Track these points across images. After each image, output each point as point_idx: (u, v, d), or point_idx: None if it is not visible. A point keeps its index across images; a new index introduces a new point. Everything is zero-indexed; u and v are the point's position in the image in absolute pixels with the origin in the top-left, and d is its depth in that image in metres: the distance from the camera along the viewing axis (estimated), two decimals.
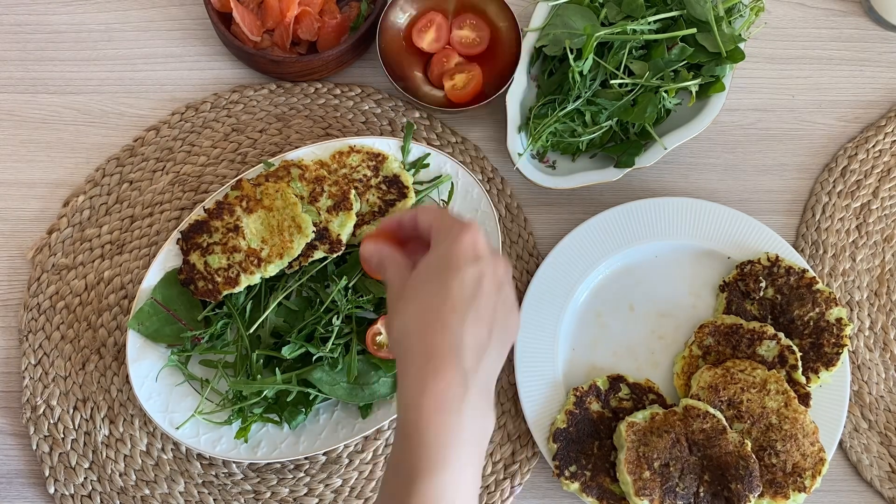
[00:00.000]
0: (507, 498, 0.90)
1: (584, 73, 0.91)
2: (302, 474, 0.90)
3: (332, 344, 0.87)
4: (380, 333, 0.88)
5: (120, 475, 0.89)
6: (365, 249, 0.68)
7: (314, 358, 0.87)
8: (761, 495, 0.84)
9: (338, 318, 0.88)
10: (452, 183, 0.93)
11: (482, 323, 0.62)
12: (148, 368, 0.87)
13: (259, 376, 0.87)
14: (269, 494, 0.89)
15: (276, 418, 0.88)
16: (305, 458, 0.90)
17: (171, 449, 0.90)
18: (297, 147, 0.96)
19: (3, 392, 0.92)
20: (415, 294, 0.63)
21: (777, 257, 0.92)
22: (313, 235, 0.88)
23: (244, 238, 0.89)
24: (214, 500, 0.89)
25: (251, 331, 0.88)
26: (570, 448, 0.87)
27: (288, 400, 0.87)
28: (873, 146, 0.99)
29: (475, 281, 0.62)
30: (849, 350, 0.92)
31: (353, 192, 0.91)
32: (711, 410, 0.85)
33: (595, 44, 0.89)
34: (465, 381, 0.60)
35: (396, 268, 0.67)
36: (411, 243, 0.69)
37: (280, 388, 0.86)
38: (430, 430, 0.59)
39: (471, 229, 0.64)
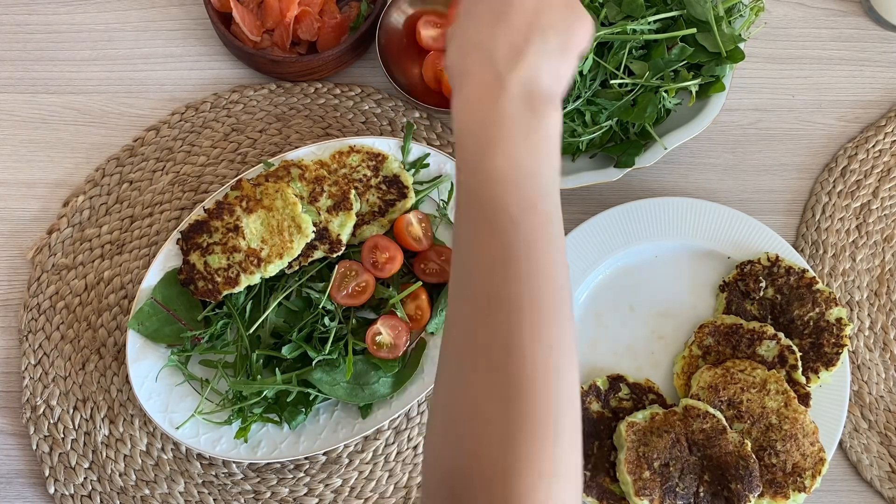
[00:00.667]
0: None
1: (584, 73, 0.91)
2: (302, 474, 0.90)
3: (331, 345, 0.87)
4: (380, 333, 0.88)
5: (120, 475, 0.89)
6: None
7: (314, 360, 0.87)
8: (761, 495, 0.84)
9: (333, 320, 0.88)
10: (452, 183, 0.93)
11: (515, 30, 0.62)
12: (148, 368, 0.87)
13: (259, 376, 0.87)
14: (269, 494, 0.89)
15: (276, 418, 0.88)
16: (305, 458, 0.90)
17: (171, 449, 0.90)
18: (296, 147, 0.96)
19: (3, 392, 0.92)
20: (452, 32, 0.65)
21: (777, 257, 0.92)
22: (313, 235, 0.88)
23: (244, 238, 0.89)
24: (214, 500, 0.89)
25: (251, 331, 0.88)
26: None
27: (288, 400, 0.87)
28: (873, 146, 0.99)
29: None
30: (849, 350, 0.92)
31: (353, 192, 0.91)
32: (711, 410, 0.85)
33: (595, 44, 0.89)
34: (500, 81, 0.61)
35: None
36: None
37: (280, 388, 0.86)
38: (468, 128, 0.61)
39: None
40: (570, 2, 0.65)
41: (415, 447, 0.91)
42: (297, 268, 0.89)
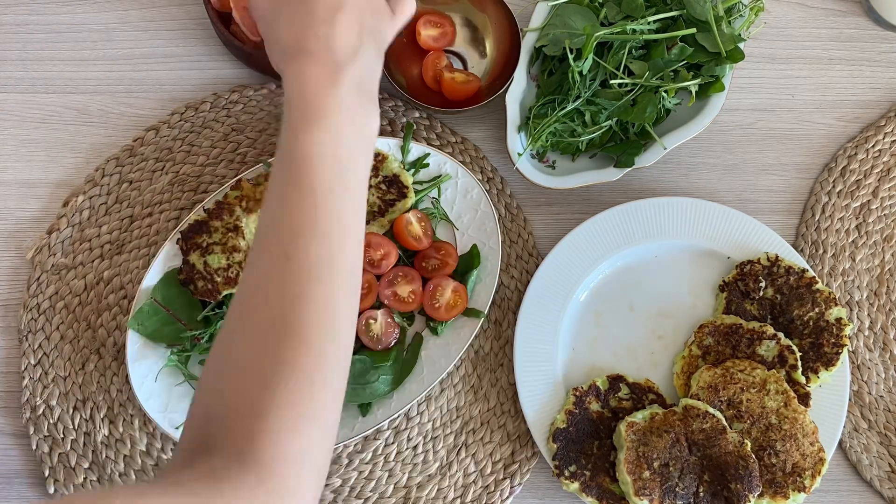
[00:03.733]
0: (507, 498, 0.90)
1: (584, 72, 0.91)
2: None
3: None
4: (374, 320, 0.88)
5: (120, 475, 0.89)
6: None
7: None
8: (761, 495, 0.84)
9: None
10: (438, 188, 0.93)
11: (352, 26, 0.66)
12: (147, 368, 0.87)
13: None
14: None
15: None
16: None
17: (171, 449, 0.90)
18: None
19: (3, 392, 0.92)
20: (280, 14, 0.67)
21: (777, 257, 0.92)
22: None
23: (244, 238, 0.89)
24: None
25: None
26: (569, 448, 0.87)
27: None
28: (873, 146, 0.99)
29: None
30: (848, 350, 0.92)
31: None
32: (711, 410, 0.85)
33: (595, 44, 0.89)
34: (338, 69, 0.64)
35: None
36: None
37: None
38: (303, 98, 0.64)
39: None
40: (382, 4, 0.70)
41: (414, 447, 0.91)
42: None
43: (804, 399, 0.87)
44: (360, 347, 0.89)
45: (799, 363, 0.88)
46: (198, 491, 0.54)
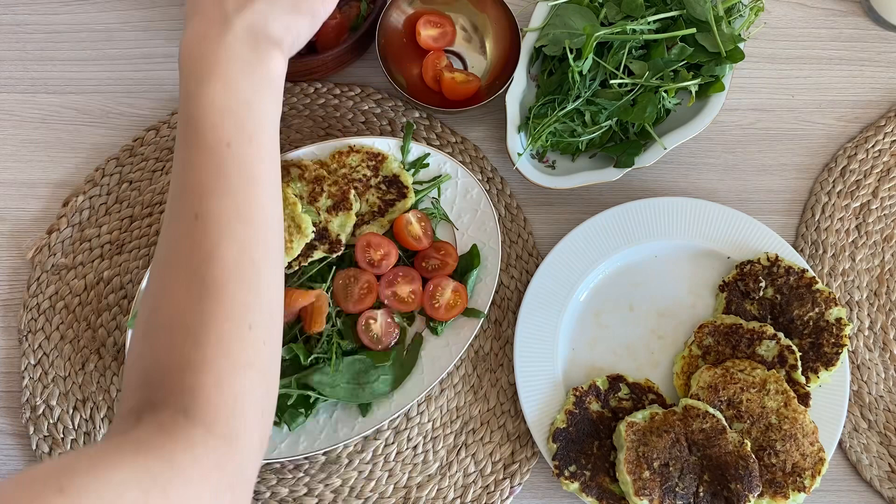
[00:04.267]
0: (507, 498, 0.90)
1: (584, 72, 0.91)
2: (301, 474, 0.90)
3: (326, 346, 0.87)
4: (374, 320, 0.88)
5: None
6: None
7: (309, 360, 0.87)
8: (761, 495, 0.84)
9: (328, 321, 0.88)
10: (438, 188, 0.93)
11: None
12: None
13: None
14: (268, 494, 0.89)
15: (276, 420, 0.88)
16: (305, 458, 0.90)
17: None
18: (296, 147, 0.96)
19: (3, 392, 0.92)
20: None
21: (777, 257, 0.92)
22: (313, 235, 0.88)
23: None
24: None
25: None
26: (569, 448, 0.87)
27: (288, 403, 0.87)
28: (873, 146, 0.99)
29: None
30: (848, 350, 0.92)
31: (352, 192, 0.91)
32: (711, 410, 0.85)
33: (595, 44, 0.89)
34: (226, 20, 0.66)
35: None
36: None
37: (279, 391, 0.86)
38: (189, 54, 0.66)
39: None
40: None
41: (414, 447, 0.91)
42: (296, 268, 0.89)
43: (804, 399, 0.87)
44: (360, 347, 0.89)
45: (799, 363, 0.88)
46: (156, 444, 0.56)
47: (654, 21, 0.91)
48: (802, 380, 0.88)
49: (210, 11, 0.67)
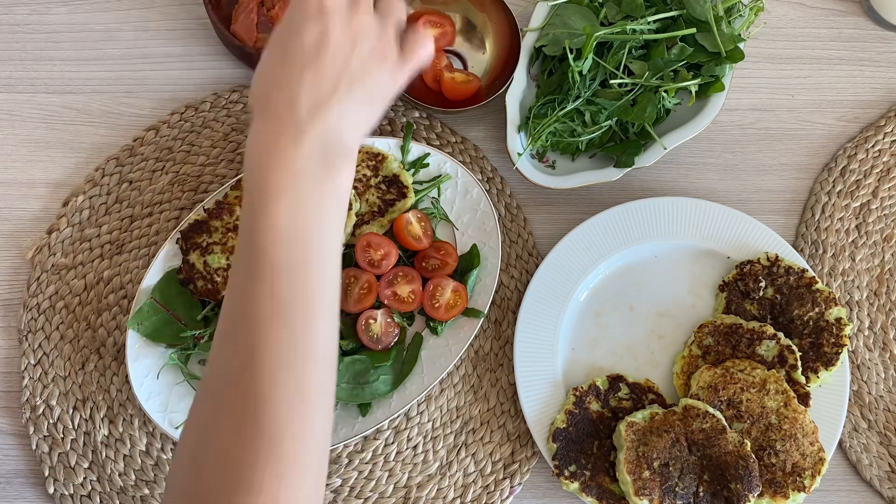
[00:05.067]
0: (507, 498, 0.90)
1: (584, 72, 0.91)
2: None
3: None
4: (374, 319, 0.88)
5: (119, 475, 0.89)
6: None
7: None
8: (761, 495, 0.84)
9: None
10: (438, 188, 0.93)
11: (323, 78, 0.63)
12: (147, 368, 0.87)
13: None
14: None
15: None
16: None
17: (171, 449, 0.90)
18: None
19: (3, 392, 0.92)
20: (263, 60, 0.65)
21: (777, 257, 0.92)
22: None
23: None
24: None
25: None
26: (569, 448, 0.87)
27: None
28: (873, 146, 0.99)
29: (317, 38, 0.63)
30: (848, 350, 0.92)
31: (352, 191, 0.91)
32: (711, 410, 0.85)
33: (595, 44, 0.89)
34: (299, 129, 0.61)
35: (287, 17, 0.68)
36: None
37: None
38: (259, 166, 0.61)
39: None
40: (384, 48, 0.66)
41: (414, 447, 0.91)
42: None
43: (804, 399, 0.87)
44: (359, 347, 0.89)
45: (799, 363, 0.88)
46: None
47: (654, 21, 0.91)
48: (802, 380, 0.88)
49: (282, 112, 0.62)
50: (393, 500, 0.90)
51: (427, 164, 0.94)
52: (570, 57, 0.89)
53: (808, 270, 0.91)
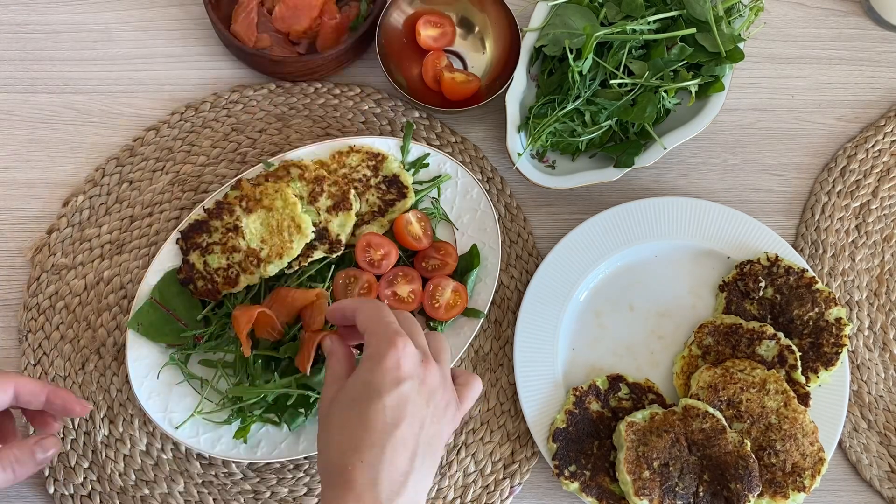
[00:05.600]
0: (507, 498, 0.90)
1: (584, 72, 0.91)
2: (302, 474, 0.90)
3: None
4: None
5: (119, 475, 0.89)
6: (326, 344, 0.73)
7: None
8: (761, 495, 0.84)
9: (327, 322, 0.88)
10: (438, 188, 0.93)
11: (405, 450, 0.63)
12: (147, 368, 0.87)
13: (258, 381, 0.86)
14: (268, 494, 0.89)
15: (276, 419, 0.88)
16: (305, 458, 0.90)
17: (171, 449, 0.90)
18: (296, 147, 0.96)
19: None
20: (337, 421, 0.65)
21: (776, 257, 0.92)
22: (313, 235, 0.88)
23: (243, 238, 0.89)
24: (214, 499, 0.89)
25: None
26: (569, 448, 0.87)
27: (288, 402, 0.87)
28: (873, 146, 0.99)
29: (397, 407, 0.63)
30: (848, 350, 0.92)
31: (352, 192, 0.91)
32: (711, 410, 0.85)
33: (594, 44, 0.89)
34: None
35: (336, 364, 0.70)
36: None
37: (280, 391, 0.86)
38: None
39: (396, 346, 0.65)
40: (448, 398, 0.67)
41: None
42: (296, 268, 0.89)
43: (804, 399, 0.87)
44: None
45: (799, 363, 0.88)
46: None
47: (654, 21, 0.91)
48: (802, 380, 0.88)
49: (362, 492, 0.61)
50: None
51: (427, 164, 0.94)
52: (570, 57, 0.89)
53: (808, 270, 0.91)
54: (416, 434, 0.64)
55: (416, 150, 0.94)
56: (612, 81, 0.91)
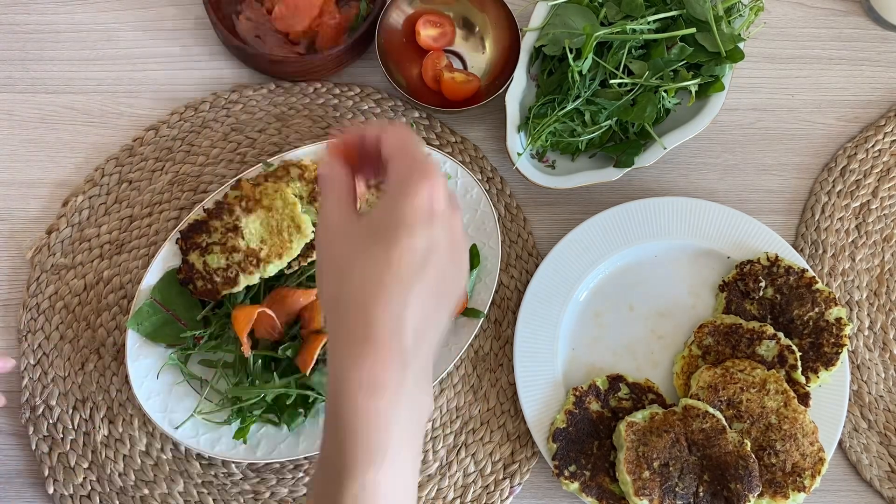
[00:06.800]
0: (507, 498, 0.90)
1: (584, 72, 0.91)
2: (301, 474, 0.90)
3: (325, 345, 0.87)
4: None
5: (119, 475, 0.89)
6: (322, 169, 0.62)
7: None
8: (761, 495, 0.84)
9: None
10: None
11: (429, 295, 0.55)
12: (147, 368, 0.87)
13: (257, 381, 0.86)
14: (268, 494, 0.89)
15: (276, 419, 0.88)
16: (305, 458, 0.90)
17: (171, 449, 0.90)
18: (296, 147, 0.96)
19: (3, 392, 0.92)
20: (358, 256, 0.56)
21: (776, 257, 0.92)
22: (313, 235, 0.88)
23: (243, 238, 0.89)
24: (214, 500, 0.89)
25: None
26: (569, 448, 0.87)
27: (287, 403, 0.87)
28: (873, 146, 0.99)
29: (427, 247, 0.55)
30: (848, 350, 0.92)
31: None
32: (711, 410, 0.85)
33: (594, 43, 0.89)
34: (404, 361, 0.53)
35: (336, 200, 0.60)
36: (370, 160, 0.61)
37: (279, 392, 0.86)
38: (361, 421, 0.52)
39: (430, 179, 0.56)
40: (464, 249, 0.59)
41: None
42: (296, 268, 0.89)
43: (804, 399, 0.87)
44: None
45: (799, 363, 0.88)
46: None
47: (654, 21, 0.91)
48: (802, 380, 0.87)
49: (385, 344, 0.53)
50: None
51: None
52: (570, 57, 0.89)
53: (808, 270, 0.91)
54: (440, 281, 0.56)
55: None
56: (611, 81, 0.91)
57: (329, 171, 0.61)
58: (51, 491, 0.88)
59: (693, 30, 0.90)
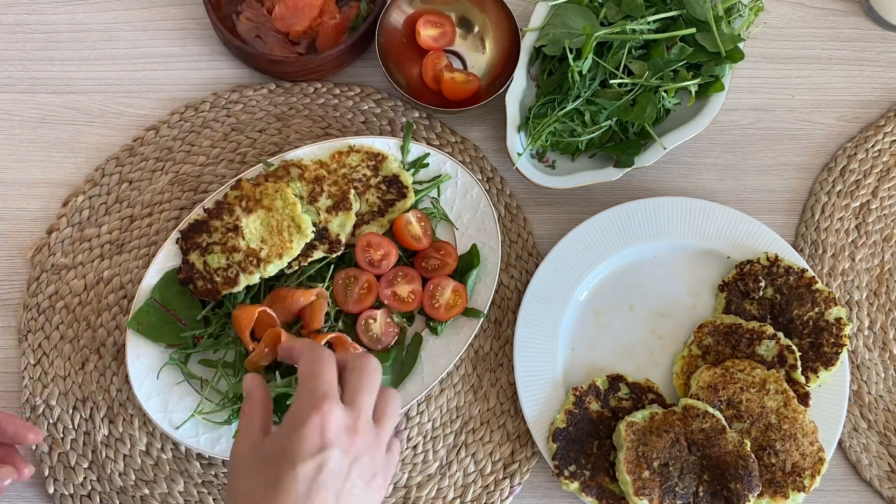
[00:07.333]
0: (507, 497, 0.90)
1: (584, 72, 0.91)
2: None
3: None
4: (374, 319, 0.88)
5: (119, 475, 0.89)
6: (246, 381, 0.69)
7: None
8: (761, 495, 0.84)
9: (326, 321, 0.88)
10: (438, 188, 0.93)
11: None
12: (147, 368, 0.87)
13: None
14: None
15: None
16: None
17: (171, 449, 0.90)
18: (296, 147, 0.96)
19: (3, 392, 0.92)
20: (245, 482, 0.61)
21: (776, 257, 0.92)
22: (313, 235, 0.88)
23: (243, 238, 0.89)
24: (214, 499, 0.89)
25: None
26: (569, 448, 0.87)
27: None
28: (872, 146, 0.99)
29: (312, 476, 0.60)
30: (848, 350, 0.92)
31: (352, 191, 0.91)
32: (711, 410, 0.85)
33: (594, 43, 0.89)
34: None
35: (250, 411, 0.66)
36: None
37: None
38: None
39: (320, 410, 0.62)
40: (374, 469, 0.64)
41: (414, 447, 0.91)
42: (296, 268, 0.89)
43: (804, 399, 0.87)
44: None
45: (798, 363, 0.88)
46: None
47: (654, 21, 0.91)
48: (802, 380, 0.88)
49: None
50: (393, 500, 0.90)
51: (427, 164, 0.94)
52: (570, 57, 0.89)
53: (807, 270, 0.91)
54: (334, 501, 0.61)
55: (416, 149, 0.94)
56: (611, 81, 0.91)
57: (250, 385, 0.68)
58: (51, 490, 0.88)
59: (693, 30, 0.90)
